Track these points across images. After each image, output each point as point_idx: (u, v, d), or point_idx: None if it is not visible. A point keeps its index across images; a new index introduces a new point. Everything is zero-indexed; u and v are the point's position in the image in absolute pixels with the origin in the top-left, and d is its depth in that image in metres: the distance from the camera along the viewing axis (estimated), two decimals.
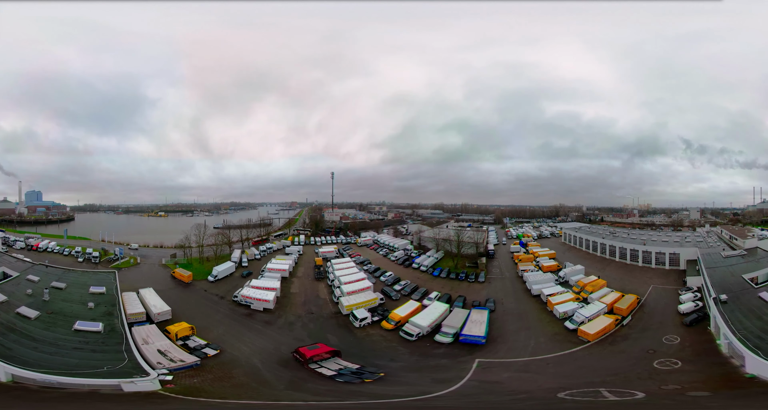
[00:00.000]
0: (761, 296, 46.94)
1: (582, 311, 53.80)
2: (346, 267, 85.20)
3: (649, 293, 63.78)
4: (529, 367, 40.40)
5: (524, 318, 55.96)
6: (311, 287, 77.88)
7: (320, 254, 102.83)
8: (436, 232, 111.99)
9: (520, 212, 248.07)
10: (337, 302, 65.58)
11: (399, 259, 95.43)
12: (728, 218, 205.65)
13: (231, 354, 46.05)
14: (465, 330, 48.86)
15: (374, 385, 37.46)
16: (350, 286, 70.20)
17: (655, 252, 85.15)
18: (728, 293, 49.19)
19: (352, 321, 57.60)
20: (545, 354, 43.50)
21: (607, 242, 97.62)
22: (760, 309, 43.14)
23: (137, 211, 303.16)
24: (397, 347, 49.10)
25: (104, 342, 42.26)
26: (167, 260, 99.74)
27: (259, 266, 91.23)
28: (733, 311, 43.31)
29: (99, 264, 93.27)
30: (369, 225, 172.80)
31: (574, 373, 38.18)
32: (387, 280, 78.92)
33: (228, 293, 71.53)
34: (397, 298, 68.66)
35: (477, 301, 62.46)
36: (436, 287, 70.84)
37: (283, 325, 58.40)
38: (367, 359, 45.22)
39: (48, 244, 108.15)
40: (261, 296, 65.86)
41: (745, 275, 56.14)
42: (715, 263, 69.85)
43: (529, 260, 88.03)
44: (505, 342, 47.50)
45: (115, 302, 55.33)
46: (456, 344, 47.69)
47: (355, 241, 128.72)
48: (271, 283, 73.34)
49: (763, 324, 39.12)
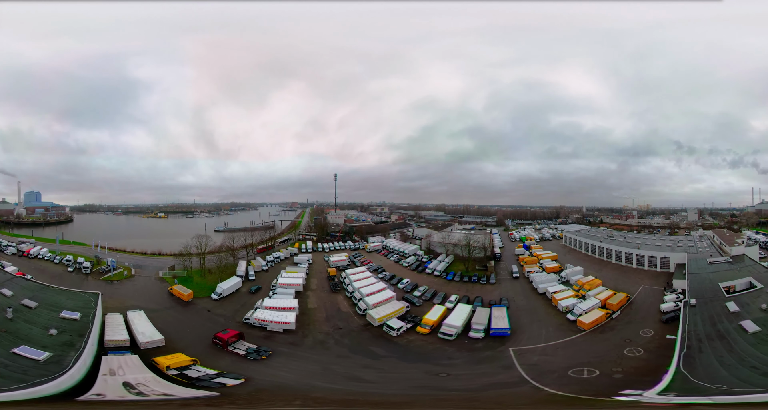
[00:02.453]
0: (726, 305, 56.83)
1: (580, 305, 66.29)
2: (363, 278, 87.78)
3: (638, 292, 75.96)
4: (546, 351, 53.10)
5: (534, 312, 68.37)
6: (329, 300, 79.41)
7: (332, 264, 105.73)
8: (445, 236, 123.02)
9: (521, 214, 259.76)
10: (363, 315, 69.21)
11: (411, 265, 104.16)
12: (726, 219, 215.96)
13: (271, 382, 45.08)
14: (493, 324, 60.46)
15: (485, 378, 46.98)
16: (373, 298, 74.16)
17: (648, 256, 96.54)
18: (700, 298, 60.35)
19: (388, 331, 63.14)
20: (554, 340, 56.40)
21: (604, 246, 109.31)
22: (719, 317, 53.81)
23: (137, 212, 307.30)
24: (443, 347, 57.69)
25: (41, 372, 38.10)
26: (164, 273, 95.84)
27: (267, 279, 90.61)
28: (696, 315, 54.63)
29: (90, 275, 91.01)
30: (376, 229, 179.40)
31: (575, 355, 50.33)
32: (405, 287, 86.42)
33: (237, 313, 69.53)
34: (419, 304, 76.10)
35: (493, 300, 73.98)
36: (453, 291, 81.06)
37: (314, 344, 59.36)
38: (430, 360, 53.22)
39: (40, 250, 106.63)
40: (280, 319, 64.35)
41: (722, 284, 65.91)
42: (699, 269, 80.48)
43: (534, 263, 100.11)
44: (524, 333, 59.64)
45: (85, 333, 50.96)
46: (487, 337, 58.82)
47: (363, 247, 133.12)
48: (287, 301, 72.71)
49: (711, 330, 50.06)
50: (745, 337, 47.24)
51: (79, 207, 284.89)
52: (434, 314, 67.00)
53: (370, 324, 66.64)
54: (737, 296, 60.91)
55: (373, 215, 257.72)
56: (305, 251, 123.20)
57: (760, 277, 67.13)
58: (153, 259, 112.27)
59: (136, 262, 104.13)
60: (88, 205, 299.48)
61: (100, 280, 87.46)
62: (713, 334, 49.24)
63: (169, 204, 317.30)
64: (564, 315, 65.21)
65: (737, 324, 50.36)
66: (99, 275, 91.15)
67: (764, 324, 49.36)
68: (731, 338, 47.44)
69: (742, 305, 56.96)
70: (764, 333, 47.36)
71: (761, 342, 45.16)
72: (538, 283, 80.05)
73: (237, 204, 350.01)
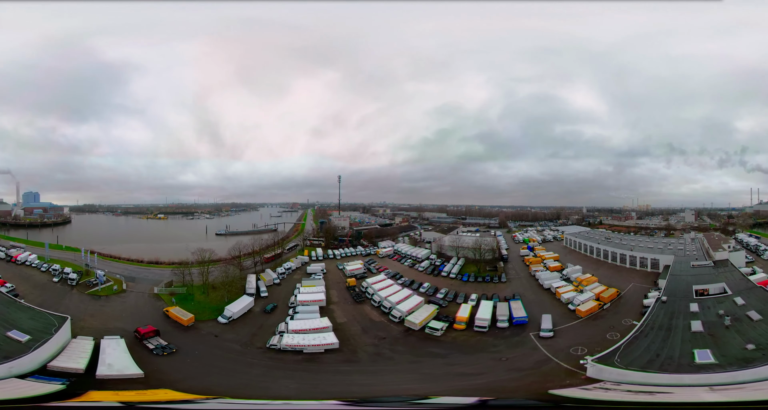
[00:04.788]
0: (690, 305, 68.38)
1: (579, 297, 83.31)
2: (386, 286, 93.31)
3: (628, 289, 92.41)
4: (556, 335, 69.68)
5: (542, 304, 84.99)
6: (356, 312, 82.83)
7: (348, 272, 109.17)
8: (455, 240, 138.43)
9: (522, 215, 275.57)
10: (398, 322, 76.18)
11: (426, 269, 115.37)
12: (723, 220, 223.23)
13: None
14: (514, 315, 76.49)
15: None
16: (404, 304, 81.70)
17: (639, 257, 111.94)
18: (672, 297, 73.42)
19: (431, 332, 72.03)
20: (560, 326, 73.15)
21: (601, 247, 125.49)
22: (678, 314, 65.73)
23: (136, 212, 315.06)
24: (482, 338, 70.32)
25: None
26: (160, 289, 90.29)
27: (281, 293, 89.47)
28: (662, 309, 69.27)
29: (76, 287, 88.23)
30: (384, 233, 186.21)
31: (574, 338, 66.96)
32: (427, 291, 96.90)
33: (255, 338, 66.86)
34: (445, 305, 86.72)
35: (508, 296, 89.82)
36: (471, 290, 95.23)
37: (373, 358, 62.29)
38: (485, 350, 65.05)
39: (28, 256, 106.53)
40: (318, 341, 64.03)
41: (696, 286, 76.42)
42: (681, 271, 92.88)
43: (538, 263, 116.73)
44: (536, 321, 75.46)
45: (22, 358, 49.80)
46: (511, 326, 74.33)
47: (375, 252, 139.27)
48: (316, 321, 72.93)
49: (666, 323, 62.74)
50: (684, 334, 59.07)
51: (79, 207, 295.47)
52: (464, 311, 79.88)
53: (410, 329, 74.04)
54: (704, 299, 71.84)
55: (376, 217, 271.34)
56: (316, 259, 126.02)
57: (733, 284, 77.06)
58: (148, 270, 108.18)
59: (130, 273, 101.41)
60: (87, 205, 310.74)
61: (85, 294, 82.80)
62: (665, 326, 62.14)
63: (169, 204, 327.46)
64: (566, 306, 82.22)
65: (688, 322, 61.95)
66: (85, 288, 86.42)
67: (710, 327, 60.25)
68: (674, 332, 59.75)
69: (703, 307, 68.06)
70: (702, 333, 58.44)
71: (694, 340, 56.42)
72: (544, 280, 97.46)
73: (238, 205, 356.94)
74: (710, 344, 55.06)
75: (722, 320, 61.39)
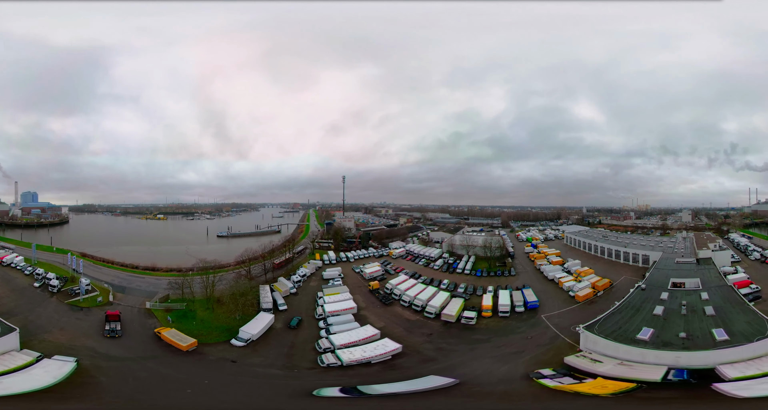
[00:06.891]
0: (662, 293, 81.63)
1: (578, 285, 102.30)
2: (411, 286, 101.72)
3: (620, 280, 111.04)
4: (561, 316, 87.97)
5: (547, 292, 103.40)
6: (389, 314, 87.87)
7: (367, 275, 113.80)
8: (465, 239, 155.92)
9: (524, 215, 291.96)
10: (434, 317, 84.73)
11: (441, 267, 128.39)
12: (719, 220, 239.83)
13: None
14: (528, 300, 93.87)
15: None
16: (435, 300, 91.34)
17: (632, 253, 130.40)
18: (650, 286, 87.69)
19: (467, 321, 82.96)
20: (562, 309, 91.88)
21: (599, 244, 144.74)
22: (650, 300, 78.71)
23: (136, 212, 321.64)
24: (507, 322, 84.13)
25: None
26: (153, 304, 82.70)
27: (300, 304, 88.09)
28: (639, 295, 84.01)
29: (57, 294, 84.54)
30: (393, 234, 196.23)
31: (575, 318, 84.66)
32: (448, 287, 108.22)
33: (292, 358, 62.31)
34: (467, 298, 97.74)
35: (519, 286, 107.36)
36: (486, 283, 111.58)
37: (441, 355, 67.49)
38: (512, 332, 78.42)
39: (14, 258, 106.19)
40: (380, 350, 66.17)
41: (673, 279, 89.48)
42: (666, 266, 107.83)
43: (542, 258, 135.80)
44: (545, 305, 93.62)
45: None
46: (526, 310, 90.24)
47: (388, 253, 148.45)
48: (361, 330, 74.64)
49: (638, 304, 77.11)
50: (646, 315, 72.21)
51: (78, 207, 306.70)
52: (487, 301, 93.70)
53: (447, 322, 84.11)
54: (675, 291, 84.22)
55: (379, 217, 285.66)
56: (329, 263, 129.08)
57: (707, 281, 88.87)
58: (142, 279, 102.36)
59: (121, 281, 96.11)
60: (86, 205, 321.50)
61: (65, 303, 78.38)
62: (636, 307, 76.55)
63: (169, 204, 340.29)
64: (567, 293, 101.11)
65: (653, 307, 75.03)
66: (66, 297, 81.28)
67: (668, 313, 71.81)
68: (639, 313, 73.54)
69: (671, 297, 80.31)
70: (659, 317, 70.56)
71: (649, 321, 69.01)
72: (548, 272, 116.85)
73: (238, 205, 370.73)
74: (658, 325, 67.65)
75: (680, 309, 73.12)
